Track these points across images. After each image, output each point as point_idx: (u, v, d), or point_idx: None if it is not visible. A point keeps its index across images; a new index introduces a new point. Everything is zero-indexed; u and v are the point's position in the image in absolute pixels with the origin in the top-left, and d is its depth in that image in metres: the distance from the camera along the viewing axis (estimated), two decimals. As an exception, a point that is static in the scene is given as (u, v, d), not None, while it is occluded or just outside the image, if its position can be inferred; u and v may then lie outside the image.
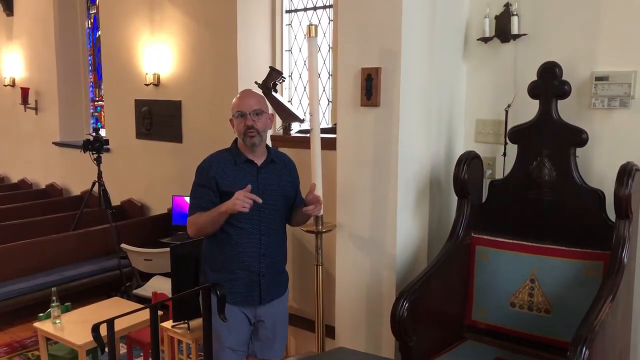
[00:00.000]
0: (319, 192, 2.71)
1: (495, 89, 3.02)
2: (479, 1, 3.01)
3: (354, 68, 2.88)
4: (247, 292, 2.61)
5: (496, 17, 2.94)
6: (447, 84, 3.03)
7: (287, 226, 2.79)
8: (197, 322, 3.27)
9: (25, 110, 7.44)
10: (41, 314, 3.62)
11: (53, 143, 7.17)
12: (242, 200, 2.39)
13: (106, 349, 2.46)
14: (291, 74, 5.25)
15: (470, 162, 2.73)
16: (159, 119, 5.88)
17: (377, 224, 2.88)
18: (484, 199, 2.86)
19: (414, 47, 2.77)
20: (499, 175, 2.97)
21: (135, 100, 6.07)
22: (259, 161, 2.62)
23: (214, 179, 2.56)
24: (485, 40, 2.98)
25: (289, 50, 5.27)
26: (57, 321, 3.52)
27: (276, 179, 2.65)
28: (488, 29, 2.96)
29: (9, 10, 7.50)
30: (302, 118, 4.24)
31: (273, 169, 2.65)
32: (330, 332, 3.12)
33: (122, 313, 2.66)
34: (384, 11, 2.76)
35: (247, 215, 2.50)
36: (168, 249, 4.36)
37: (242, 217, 2.51)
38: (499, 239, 2.73)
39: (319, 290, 2.91)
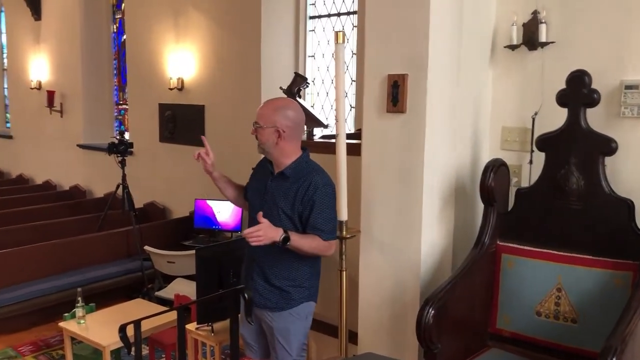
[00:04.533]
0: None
1: (522, 96, 3.01)
2: (506, 8, 3.01)
3: (380, 74, 2.89)
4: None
5: (524, 25, 2.93)
6: (473, 91, 3.03)
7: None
8: (220, 325, 3.30)
9: (50, 113, 7.57)
10: (66, 314, 3.66)
11: (77, 145, 7.28)
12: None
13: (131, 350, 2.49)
14: (314, 79, 5.27)
15: (497, 170, 2.72)
16: (182, 123, 5.94)
17: (402, 230, 2.88)
18: (509, 207, 2.85)
19: (440, 53, 2.77)
20: (524, 183, 2.96)
21: (159, 104, 6.14)
22: (277, 171, 2.64)
23: (252, 174, 2.82)
24: (512, 47, 2.97)
25: (311, 56, 5.31)
26: (82, 321, 3.56)
27: (280, 193, 2.59)
28: (515, 37, 2.95)
29: (37, 14, 7.65)
30: (325, 124, 4.25)
31: (282, 182, 2.61)
32: (352, 337, 3.12)
33: (148, 315, 2.68)
34: (411, 18, 2.76)
35: (253, 222, 2.53)
36: (191, 252, 4.42)
37: (252, 223, 2.54)
38: (524, 247, 2.72)
39: (343, 296, 2.92)
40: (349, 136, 3.89)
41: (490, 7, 3.05)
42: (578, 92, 2.58)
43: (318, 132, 4.46)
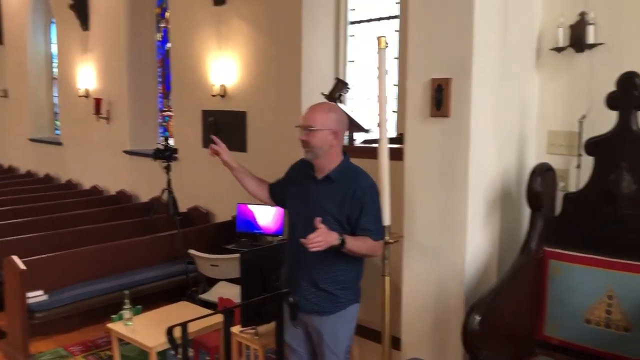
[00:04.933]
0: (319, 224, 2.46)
1: (569, 99, 2.96)
2: (553, 10, 2.96)
3: (423, 78, 2.88)
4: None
5: (571, 27, 2.88)
6: (518, 94, 2.99)
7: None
8: (265, 328, 3.33)
9: (97, 120, 7.78)
10: (114, 316, 3.74)
11: (123, 151, 7.46)
12: None
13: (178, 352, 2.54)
14: (354, 84, 5.28)
15: (543, 174, 2.68)
16: (224, 128, 6.03)
17: (446, 236, 2.86)
18: (557, 212, 2.79)
19: (485, 57, 2.75)
20: (571, 188, 2.90)
21: (202, 110, 6.25)
22: (320, 175, 2.65)
23: (289, 176, 2.81)
24: (558, 50, 2.92)
25: (352, 61, 5.32)
26: (129, 323, 3.63)
27: (326, 197, 2.61)
28: (562, 39, 2.90)
29: (85, 25, 7.90)
30: (366, 128, 4.25)
31: (327, 186, 2.62)
32: (395, 343, 3.10)
33: (193, 317, 2.73)
34: (455, 21, 2.75)
35: (295, 224, 2.61)
36: (234, 256, 4.48)
37: (292, 224, 2.65)
38: (573, 253, 2.66)
39: (386, 301, 2.91)
40: (390, 140, 3.88)
41: (536, 9, 3.01)
42: (629, 94, 2.52)
43: (359, 137, 4.47)
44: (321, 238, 2.36)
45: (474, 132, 2.74)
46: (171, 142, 6.36)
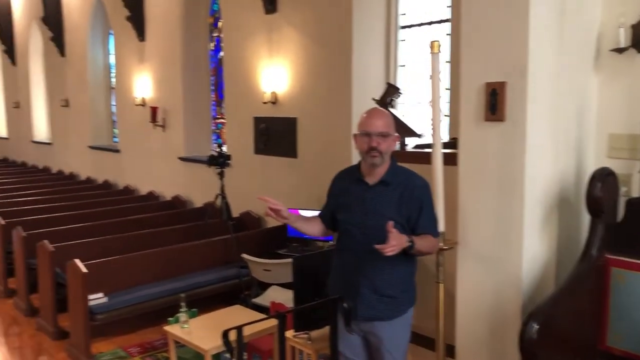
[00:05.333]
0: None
1: (631, 101, 2.86)
2: (613, 10, 2.87)
3: (477, 82, 2.85)
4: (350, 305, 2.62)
5: (632, 26, 2.79)
6: (576, 97, 2.91)
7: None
8: (318, 333, 3.34)
9: (154, 128, 8.02)
10: (170, 318, 3.83)
11: (178, 158, 7.66)
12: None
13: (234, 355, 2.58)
14: (405, 89, 5.25)
15: (604, 179, 2.60)
16: (275, 135, 6.11)
17: (501, 242, 2.81)
18: (619, 218, 2.70)
19: (541, 60, 2.69)
20: (634, 193, 2.80)
21: (254, 117, 6.35)
22: (372, 181, 2.64)
23: (333, 194, 2.79)
24: (619, 50, 2.83)
25: (402, 66, 5.29)
26: (185, 325, 3.71)
27: (383, 201, 2.61)
28: (623, 39, 2.81)
29: (142, 36, 8.16)
30: (419, 133, 4.22)
31: (382, 190, 2.63)
32: (449, 350, 3.06)
33: (248, 321, 2.77)
34: (510, 24, 2.71)
35: (351, 233, 2.62)
36: (286, 260, 4.52)
37: (347, 233, 2.65)
38: (637, 261, 2.56)
39: (440, 308, 2.88)
40: (443, 145, 3.85)
41: (595, 9, 2.93)
42: (697, 95, 2.41)
43: (410, 142, 4.44)
44: (396, 242, 2.39)
45: (530, 136, 2.68)
46: (224, 148, 6.48)
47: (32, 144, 12.32)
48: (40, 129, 12.32)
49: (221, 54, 7.24)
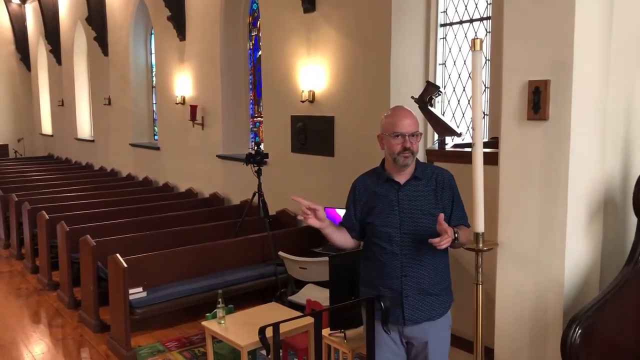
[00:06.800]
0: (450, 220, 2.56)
1: (682, 100, 2.75)
2: (664, 5, 2.76)
3: (520, 80, 2.78)
4: (391, 311, 2.57)
5: (685, 22, 2.67)
6: (624, 95, 2.81)
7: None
8: (353, 332, 3.34)
9: (193, 126, 8.13)
10: (208, 314, 3.88)
11: (217, 156, 7.75)
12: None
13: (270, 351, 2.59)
14: (445, 87, 5.19)
15: (653, 180, 2.50)
16: (312, 133, 6.12)
17: (543, 244, 2.73)
18: (668, 221, 2.60)
19: (587, 57, 2.61)
20: (685, 196, 2.68)
21: (292, 116, 6.37)
22: (403, 179, 2.62)
23: (358, 201, 2.71)
24: (671, 47, 2.72)
25: (442, 64, 5.23)
26: (222, 321, 3.75)
27: (418, 198, 2.59)
28: (675, 35, 2.70)
29: (182, 35, 8.29)
30: (458, 132, 4.16)
31: (415, 186, 2.61)
32: (488, 354, 3.00)
33: (283, 319, 2.77)
34: (554, 21, 2.63)
35: (388, 235, 2.57)
36: (322, 259, 4.53)
37: (383, 236, 2.59)
38: (687, 266, 2.46)
39: (479, 311, 2.82)
40: (483, 144, 3.78)
41: (645, 5, 2.82)
42: None
43: (450, 141, 4.37)
44: (449, 233, 2.40)
45: (575, 136, 2.60)
46: (261, 147, 6.54)
47: (76, 141, 12.68)
48: (84, 126, 12.69)
49: (259, 52, 7.29)
